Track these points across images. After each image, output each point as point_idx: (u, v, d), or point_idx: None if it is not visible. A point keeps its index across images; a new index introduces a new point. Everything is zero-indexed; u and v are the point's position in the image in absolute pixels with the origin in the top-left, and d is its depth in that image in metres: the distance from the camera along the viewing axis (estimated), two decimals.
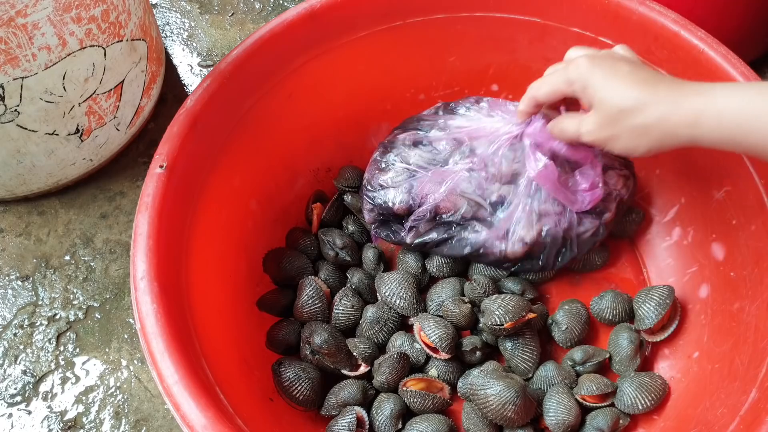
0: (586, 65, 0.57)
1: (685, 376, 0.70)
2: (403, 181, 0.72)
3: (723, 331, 0.68)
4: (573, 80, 0.58)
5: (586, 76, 0.56)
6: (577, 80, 0.57)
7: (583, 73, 0.57)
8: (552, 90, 0.60)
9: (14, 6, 0.68)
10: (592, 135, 0.58)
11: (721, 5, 0.89)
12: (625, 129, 0.55)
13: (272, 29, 0.71)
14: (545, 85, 0.61)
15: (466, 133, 0.71)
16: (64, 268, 0.89)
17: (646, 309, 0.71)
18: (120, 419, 0.78)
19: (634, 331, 0.72)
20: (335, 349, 0.70)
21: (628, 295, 0.75)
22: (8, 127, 0.79)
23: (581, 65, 0.57)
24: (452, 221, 0.72)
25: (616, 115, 0.55)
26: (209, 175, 0.68)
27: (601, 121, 0.56)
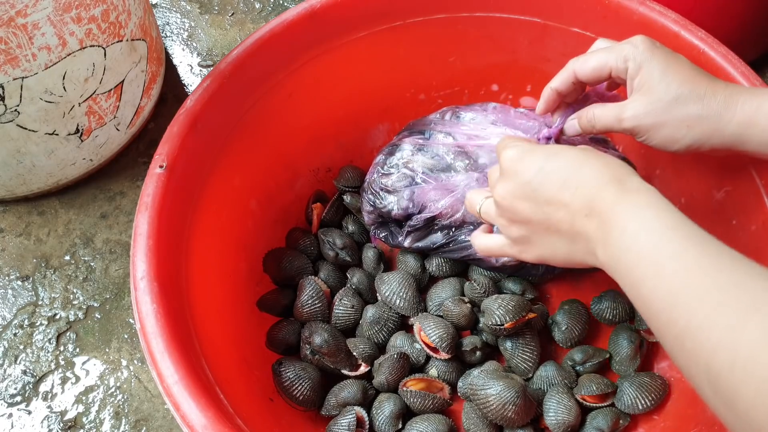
0: (646, 45, 0.54)
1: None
2: (405, 187, 0.72)
3: None
4: (629, 57, 0.54)
5: (646, 55, 0.54)
6: (634, 58, 0.54)
7: (643, 52, 0.54)
8: (601, 65, 0.56)
9: (14, 6, 0.68)
10: (636, 119, 0.54)
11: (721, 5, 0.89)
12: (675, 118, 0.53)
13: (272, 29, 0.71)
14: (592, 60, 0.57)
15: (470, 144, 0.72)
16: (64, 268, 0.89)
17: None
18: (120, 419, 0.78)
19: (634, 331, 0.72)
20: (335, 349, 0.70)
21: None
22: (8, 127, 0.79)
23: (639, 44, 0.54)
24: (450, 225, 0.72)
25: (670, 101, 0.53)
26: (209, 175, 0.68)
27: (652, 105, 0.53)
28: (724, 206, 0.70)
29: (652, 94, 0.54)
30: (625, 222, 0.44)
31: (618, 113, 0.56)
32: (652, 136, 0.55)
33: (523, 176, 0.51)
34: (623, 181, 0.47)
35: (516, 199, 0.51)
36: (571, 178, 0.48)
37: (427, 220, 0.71)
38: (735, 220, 0.69)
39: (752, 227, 0.67)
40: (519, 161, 0.51)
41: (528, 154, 0.51)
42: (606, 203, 0.46)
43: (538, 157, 0.51)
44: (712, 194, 0.72)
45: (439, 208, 0.70)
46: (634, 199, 0.45)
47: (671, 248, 0.41)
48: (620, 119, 0.56)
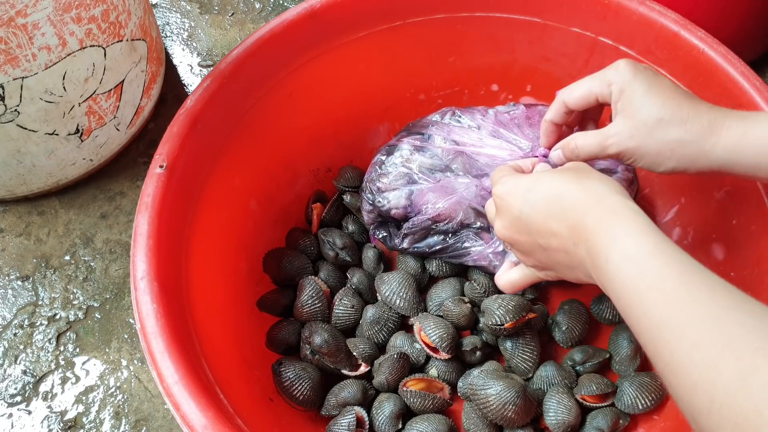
0: (628, 69, 0.54)
1: None
2: (403, 186, 0.72)
3: None
4: (611, 81, 0.55)
5: (628, 78, 0.54)
6: (616, 82, 0.54)
7: (624, 75, 0.54)
8: (586, 92, 0.57)
9: (14, 6, 0.68)
10: (620, 145, 0.54)
11: (721, 5, 0.89)
12: (658, 141, 0.52)
13: (272, 29, 0.71)
14: (578, 88, 0.57)
15: (468, 151, 0.72)
16: (64, 268, 0.89)
17: None
18: (120, 419, 0.78)
19: None
20: (335, 349, 0.70)
21: None
22: (8, 127, 0.79)
23: (621, 68, 0.54)
24: (447, 230, 0.72)
25: (652, 124, 0.52)
26: (209, 175, 0.68)
27: (635, 129, 0.53)
28: (724, 206, 0.70)
29: (634, 117, 0.54)
30: (608, 251, 0.44)
31: (601, 140, 0.56)
32: (636, 159, 0.54)
33: (512, 211, 0.53)
34: (602, 203, 0.47)
35: (514, 234, 0.54)
36: (553, 208, 0.50)
37: (423, 224, 0.71)
38: (735, 220, 0.69)
39: (752, 227, 0.67)
40: (507, 196, 0.53)
41: (513, 189, 0.53)
42: (588, 230, 0.46)
43: (521, 190, 0.52)
44: (712, 194, 0.72)
45: (437, 210, 0.70)
46: (614, 224, 0.45)
47: (651, 278, 0.41)
48: (604, 146, 0.56)
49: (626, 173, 0.73)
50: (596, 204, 0.47)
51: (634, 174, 0.74)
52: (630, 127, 0.54)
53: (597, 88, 0.56)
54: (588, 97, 0.57)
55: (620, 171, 0.73)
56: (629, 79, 0.54)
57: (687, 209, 0.76)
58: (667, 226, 0.78)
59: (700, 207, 0.74)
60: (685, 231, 0.76)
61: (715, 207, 0.72)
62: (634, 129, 0.53)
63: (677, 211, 0.77)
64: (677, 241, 0.77)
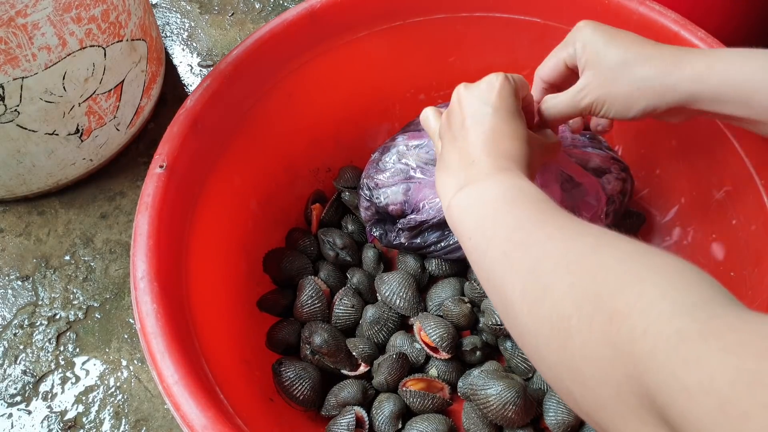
0: (588, 24, 0.56)
1: None
2: (400, 182, 0.72)
3: None
4: (573, 40, 0.57)
5: (587, 33, 0.56)
6: (578, 39, 0.56)
7: (584, 31, 0.56)
8: (555, 60, 0.59)
9: (14, 6, 0.68)
10: (591, 95, 0.56)
11: (721, 5, 0.89)
12: (624, 83, 0.54)
13: (272, 29, 0.71)
14: (548, 60, 0.60)
15: None
16: (64, 268, 0.89)
17: None
18: (120, 419, 0.78)
19: None
20: (335, 349, 0.70)
21: None
22: (8, 127, 0.79)
23: (582, 26, 0.57)
24: (441, 223, 0.72)
25: (618, 68, 0.54)
26: (209, 175, 0.68)
27: (600, 77, 0.55)
28: (724, 206, 0.70)
29: (600, 65, 0.55)
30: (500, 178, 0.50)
31: (572, 95, 0.57)
32: (609, 107, 0.55)
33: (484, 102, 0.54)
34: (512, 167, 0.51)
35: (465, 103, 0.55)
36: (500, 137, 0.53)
37: (419, 222, 0.71)
38: (735, 220, 0.69)
39: (752, 227, 0.67)
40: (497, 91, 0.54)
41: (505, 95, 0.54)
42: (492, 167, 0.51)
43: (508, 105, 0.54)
44: (712, 194, 0.72)
45: (434, 205, 0.70)
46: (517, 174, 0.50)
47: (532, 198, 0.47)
48: (576, 101, 0.57)
49: (620, 173, 0.73)
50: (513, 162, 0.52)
51: (628, 174, 0.74)
52: (597, 75, 0.55)
53: (563, 52, 0.58)
54: (558, 65, 0.59)
55: (614, 171, 0.73)
56: (590, 33, 0.56)
57: (687, 209, 0.76)
58: (667, 226, 0.78)
59: (700, 207, 0.74)
60: (685, 231, 0.76)
61: (715, 207, 0.72)
62: (602, 77, 0.55)
63: (677, 211, 0.77)
64: (677, 241, 0.77)
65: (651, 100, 0.54)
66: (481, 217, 0.48)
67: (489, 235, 0.46)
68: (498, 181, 0.49)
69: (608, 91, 0.55)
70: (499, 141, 0.52)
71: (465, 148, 0.53)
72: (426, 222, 0.71)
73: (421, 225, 0.72)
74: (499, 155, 0.51)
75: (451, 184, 0.53)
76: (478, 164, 0.51)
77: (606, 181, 0.72)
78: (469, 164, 0.52)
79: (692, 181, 0.74)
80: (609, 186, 0.72)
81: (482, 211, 0.48)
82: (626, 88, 0.54)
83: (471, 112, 0.54)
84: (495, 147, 0.52)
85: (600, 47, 0.55)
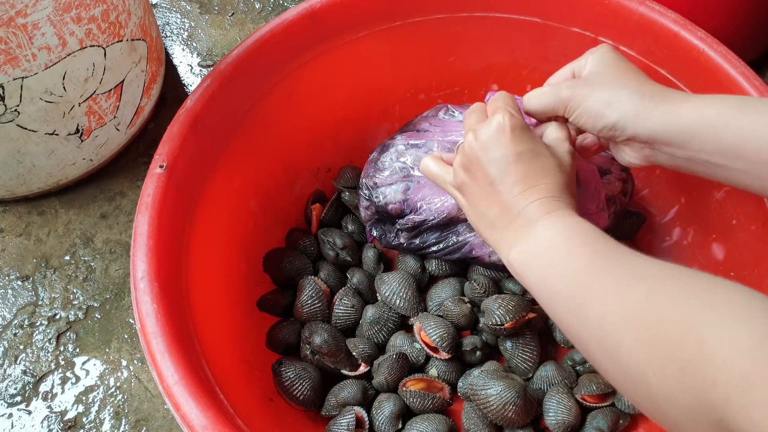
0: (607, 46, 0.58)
1: None
2: (399, 180, 0.72)
3: None
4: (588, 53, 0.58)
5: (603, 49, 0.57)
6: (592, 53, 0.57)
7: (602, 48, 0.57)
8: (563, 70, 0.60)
9: (14, 6, 0.68)
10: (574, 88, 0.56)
11: (721, 5, 0.89)
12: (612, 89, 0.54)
13: (272, 29, 0.71)
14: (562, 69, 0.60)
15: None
16: (64, 268, 0.89)
17: None
18: (120, 419, 0.78)
19: None
20: (335, 349, 0.70)
21: None
22: (8, 127, 0.79)
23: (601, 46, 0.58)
24: (440, 223, 0.71)
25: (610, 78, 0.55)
26: (209, 175, 0.68)
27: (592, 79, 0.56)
28: (724, 206, 0.70)
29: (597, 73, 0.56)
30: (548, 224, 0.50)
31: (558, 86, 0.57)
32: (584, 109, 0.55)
33: (504, 147, 0.53)
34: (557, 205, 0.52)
35: (483, 156, 0.54)
36: (531, 178, 0.52)
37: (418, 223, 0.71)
38: (735, 220, 0.69)
39: (752, 227, 0.67)
40: (510, 133, 0.53)
41: (518, 133, 0.54)
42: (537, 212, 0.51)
43: (527, 140, 0.54)
44: (712, 194, 0.72)
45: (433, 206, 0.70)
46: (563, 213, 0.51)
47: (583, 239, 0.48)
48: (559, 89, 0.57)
49: (620, 173, 0.73)
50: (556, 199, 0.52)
51: (629, 174, 0.74)
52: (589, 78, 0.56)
53: (575, 63, 0.59)
54: (564, 72, 0.60)
55: (614, 171, 0.73)
56: (606, 50, 0.57)
57: (687, 209, 0.76)
58: (667, 226, 0.78)
59: (700, 207, 0.74)
60: (685, 231, 0.76)
61: (715, 207, 0.72)
62: (593, 80, 0.56)
63: (677, 211, 0.77)
64: (677, 241, 0.77)
65: (623, 116, 0.53)
66: (541, 270, 0.49)
67: (554, 291, 0.47)
68: (548, 226, 0.50)
69: (591, 91, 0.55)
70: (536, 183, 0.52)
71: (503, 201, 0.53)
72: (425, 222, 0.71)
73: (420, 226, 0.72)
74: (539, 198, 0.52)
75: (503, 239, 0.53)
76: (524, 214, 0.51)
77: (606, 181, 0.72)
78: (515, 217, 0.52)
79: (692, 181, 0.74)
80: (609, 186, 0.72)
81: (540, 264, 0.49)
82: (610, 94, 0.54)
83: (495, 164, 0.53)
84: (533, 192, 0.52)
85: (606, 61, 0.56)
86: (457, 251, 0.72)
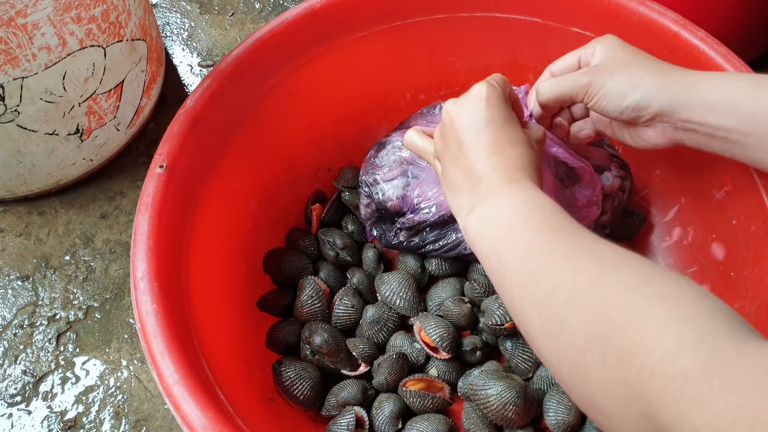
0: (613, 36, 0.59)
1: None
2: (398, 176, 0.72)
3: None
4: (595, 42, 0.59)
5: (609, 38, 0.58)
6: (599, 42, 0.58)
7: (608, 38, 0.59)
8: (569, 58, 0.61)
9: (14, 6, 0.68)
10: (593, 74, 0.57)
11: (721, 5, 0.89)
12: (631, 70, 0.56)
13: (272, 29, 0.71)
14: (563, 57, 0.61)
15: None
16: (64, 268, 0.89)
17: None
18: (120, 419, 0.78)
19: None
20: (335, 349, 0.70)
21: None
22: (8, 127, 0.79)
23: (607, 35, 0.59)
24: (439, 221, 0.71)
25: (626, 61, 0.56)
26: (209, 175, 0.68)
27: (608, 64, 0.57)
28: (724, 206, 0.70)
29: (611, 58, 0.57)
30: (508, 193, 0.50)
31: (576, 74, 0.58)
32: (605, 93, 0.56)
33: (477, 113, 0.54)
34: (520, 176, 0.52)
35: (457, 120, 0.55)
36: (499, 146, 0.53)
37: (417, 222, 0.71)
38: (735, 220, 0.69)
39: (752, 227, 0.67)
40: (485, 101, 0.54)
41: (494, 103, 0.54)
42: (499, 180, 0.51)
43: (501, 110, 0.55)
44: (712, 194, 0.72)
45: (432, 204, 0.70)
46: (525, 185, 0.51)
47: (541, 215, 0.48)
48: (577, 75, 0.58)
49: (618, 170, 0.73)
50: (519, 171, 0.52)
51: (627, 171, 0.74)
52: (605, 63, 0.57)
53: (581, 51, 0.60)
54: (571, 61, 0.60)
55: (613, 168, 0.73)
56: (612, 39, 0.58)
57: (687, 209, 0.76)
58: (667, 226, 0.78)
59: (700, 207, 0.74)
60: (685, 231, 0.76)
61: (715, 207, 0.72)
62: (609, 64, 0.57)
63: (677, 211, 0.77)
64: (677, 241, 0.77)
65: (647, 93, 0.54)
66: (495, 239, 0.49)
67: (503, 261, 0.47)
68: (508, 196, 0.50)
69: (610, 75, 0.56)
70: (502, 151, 0.52)
71: (469, 166, 0.53)
72: (424, 222, 0.71)
73: (419, 224, 0.72)
74: (505, 166, 0.52)
75: (463, 204, 0.53)
76: (486, 180, 0.52)
77: (605, 178, 0.72)
78: (478, 182, 0.52)
79: (692, 181, 0.74)
80: (608, 183, 0.72)
81: (495, 233, 0.49)
82: (628, 76, 0.55)
83: (466, 127, 0.54)
84: (499, 159, 0.52)
85: (617, 47, 0.57)
86: (456, 248, 0.72)
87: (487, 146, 0.53)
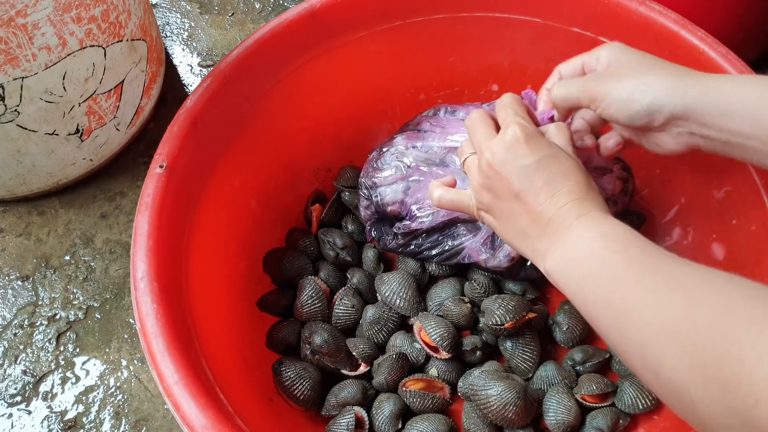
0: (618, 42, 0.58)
1: None
2: (399, 180, 0.72)
3: None
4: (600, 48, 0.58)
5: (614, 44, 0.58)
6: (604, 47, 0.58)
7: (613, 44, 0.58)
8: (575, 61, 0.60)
9: (14, 6, 0.69)
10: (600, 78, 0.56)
11: (721, 5, 0.89)
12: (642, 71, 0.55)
13: (272, 29, 0.71)
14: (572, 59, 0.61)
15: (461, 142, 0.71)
16: (64, 268, 0.89)
17: None
18: (120, 419, 0.78)
19: None
20: (335, 349, 0.70)
21: None
22: (8, 127, 0.79)
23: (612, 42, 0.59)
24: (435, 228, 0.71)
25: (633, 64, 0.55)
26: (209, 175, 0.68)
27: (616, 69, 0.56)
28: (724, 206, 0.70)
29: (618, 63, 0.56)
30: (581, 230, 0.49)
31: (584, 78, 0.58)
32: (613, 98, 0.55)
33: (523, 158, 0.52)
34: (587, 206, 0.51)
35: (504, 171, 0.53)
36: (555, 182, 0.51)
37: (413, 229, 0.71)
38: (735, 220, 0.69)
39: (752, 227, 0.67)
40: (525, 143, 0.53)
41: (533, 141, 0.53)
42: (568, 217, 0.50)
43: (543, 146, 0.53)
44: (712, 194, 0.72)
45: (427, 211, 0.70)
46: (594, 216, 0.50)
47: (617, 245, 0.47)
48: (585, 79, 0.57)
49: (621, 172, 0.73)
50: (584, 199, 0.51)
51: (629, 173, 0.74)
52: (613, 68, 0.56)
53: (586, 56, 0.59)
54: (575, 65, 0.60)
55: (615, 170, 0.73)
56: (617, 45, 0.57)
57: (687, 209, 0.76)
58: (667, 226, 0.78)
59: (700, 207, 0.74)
60: (685, 231, 0.76)
61: (715, 207, 0.72)
62: (617, 69, 0.56)
63: (677, 211, 0.77)
64: (677, 241, 0.77)
65: (657, 97, 0.53)
66: (579, 280, 0.48)
67: (592, 303, 0.47)
68: (583, 233, 0.49)
69: (617, 80, 0.55)
70: (560, 187, 0.51)
71: (533, 211, 0.52)
72: (419, 229, 0.71)
73: (415, 232, 0.72)
74: (568, 201, 0.51)
75: (538, 248, 0.52)
76: (555, 220, 0.50)
77: (607, 180, 0.72)
78: (546, 224, 0.51)
79: (692, 181, 0.74)
80: (610, 186, 0.72)
81: (578, 273, 0.48)
82: (639, 76, 0.54)
83: (515, 176, 0.52)
84: (560, 196, 0.51)
85: (623, 52, 0.56)
86: (454, 257, 0.72)
87: (544, 187, 0.51)
